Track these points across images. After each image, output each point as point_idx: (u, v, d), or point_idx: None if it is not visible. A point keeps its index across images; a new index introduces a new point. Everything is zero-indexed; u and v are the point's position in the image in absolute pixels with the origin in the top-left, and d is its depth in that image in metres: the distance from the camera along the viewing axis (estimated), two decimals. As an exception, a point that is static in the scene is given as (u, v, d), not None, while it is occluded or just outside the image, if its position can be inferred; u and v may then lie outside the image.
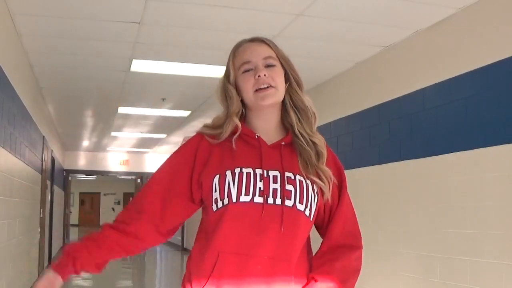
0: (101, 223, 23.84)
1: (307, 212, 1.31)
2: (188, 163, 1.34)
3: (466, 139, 3.23)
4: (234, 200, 1.27)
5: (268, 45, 1.38)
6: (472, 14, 3.27)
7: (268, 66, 1.35)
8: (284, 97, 1.38)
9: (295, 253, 1.30)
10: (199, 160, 1.34)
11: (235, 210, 1.28)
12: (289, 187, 1.30)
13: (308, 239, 1.37)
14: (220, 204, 1.29)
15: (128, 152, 12.87)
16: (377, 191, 4.28)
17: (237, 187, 1.28)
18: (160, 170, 1.41)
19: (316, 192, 1.33)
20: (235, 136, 1.33)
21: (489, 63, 3.08)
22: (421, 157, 3.67)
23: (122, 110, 7.15)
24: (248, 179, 1.29)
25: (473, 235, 3.14)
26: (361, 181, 4.42)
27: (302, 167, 1.33)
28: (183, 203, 1.35)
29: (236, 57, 1.37)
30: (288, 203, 1.29)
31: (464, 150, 3.25)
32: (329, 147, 1.41)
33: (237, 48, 1.38)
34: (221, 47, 4.16)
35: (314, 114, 1.38)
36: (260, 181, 1.29)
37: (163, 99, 6.42)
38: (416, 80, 3.78)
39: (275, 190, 1.29)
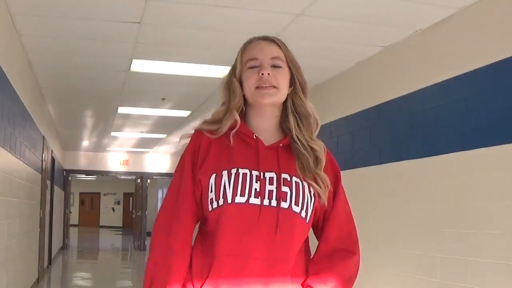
0: (101, 223, 23.92)
1: (303, 214, 1.31)
2: (193, 167, 1.34)
3: (466, 139, 3.23)
4: (229, 201, 1.27)
5: (279, 46, 1.37)
6: (472, 14, 3.27)
7: (274, 66, 1.35)
8: (286, 100, 1.37)
9: (291, 254, 1.30)
10: (200, 158, 1.34)
11: (230, 211, 1.27)
12: (285, 188, 1.30)
13: (307, 240, 1.37)
14: (215, 205, 1.29)
15: (128, 152, 12.86)
16: (377, 191, 4.28)
17: (233, 188, 1.28)
18: (172, 190, 1.37)
19: (313, 194, 1.33)
20: (233, 132, 1.33)
21: (489, 63, 3.08)
22: (421, 157, 3.67)
23: (122, 110, 7.15)
24: (244, 180, 1.29)
25: (473, 235, 3.14)
26: (361, 181, 4.42)
27: (300, 170, 1.33)
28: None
29: (245, 52, 1.37)
30: (284, 204, 1.29)
31: (464, 150, 3.25)
32: (327, 149, 1.40)
33: (248, 44, 1.39)
34: (221, 47, 4.16)
35: (317, 121, 1.38)
36: (256, 182, 1.29)
37: (163, 99, 6.42)
38: (416, 80, 3.78)
39: (270, 191, 1.29)
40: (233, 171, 1.29)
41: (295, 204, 1.29)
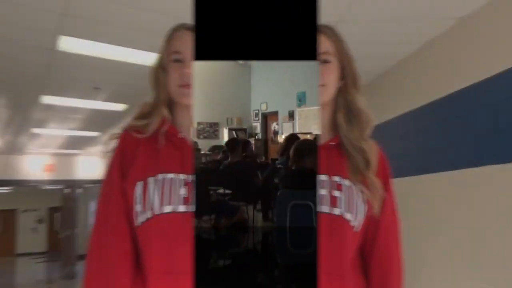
0: (18, 250, 22.46)
1: None
2: (121, 175, 1.34)
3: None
4: (157, 211, 1.27)
5: None
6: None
7: None
8: None
9: None
10: (126, 164, 1.34)
11: (158, 223, 1.27)
12: None
13: None
14: (142, 218, 1.29)
15: (53, 154, 12.53)
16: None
17: (159, 197, 1.27)
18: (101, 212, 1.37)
19: None
20: (162, 129, 1.35)
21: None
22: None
23: (45, 99, 6.95)
24: (170, 186, 1.28)
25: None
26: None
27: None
28: None
29: (170, 42, 1.41)
30: None
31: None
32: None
33: (174, 33, 1.41)
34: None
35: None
36: (184, 187, 1.29)
37: (96, 88, 6.33)
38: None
39: None
40: (160, 176, 1.30)
41: None
